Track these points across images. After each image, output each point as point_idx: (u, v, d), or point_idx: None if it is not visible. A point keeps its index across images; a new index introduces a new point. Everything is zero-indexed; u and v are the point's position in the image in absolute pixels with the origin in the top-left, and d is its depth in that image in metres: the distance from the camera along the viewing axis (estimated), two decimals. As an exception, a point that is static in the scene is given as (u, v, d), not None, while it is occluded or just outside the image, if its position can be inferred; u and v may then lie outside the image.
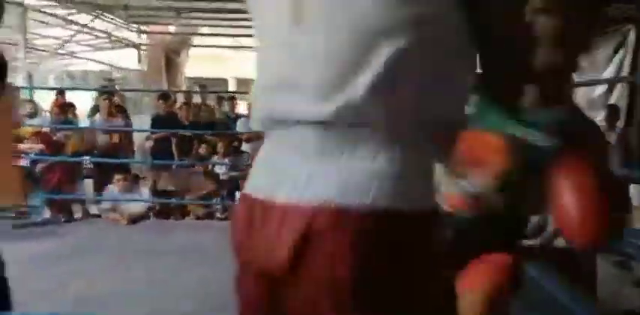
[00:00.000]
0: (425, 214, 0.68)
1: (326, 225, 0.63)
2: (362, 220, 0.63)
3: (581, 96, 6.41)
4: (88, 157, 5.44)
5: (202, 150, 5.62)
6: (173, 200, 5.30)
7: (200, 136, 5.69)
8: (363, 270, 0.63)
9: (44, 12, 7.57)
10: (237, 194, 5.63)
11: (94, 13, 7.84)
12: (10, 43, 6.89)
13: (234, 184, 5.65)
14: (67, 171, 5.12)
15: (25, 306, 2.52)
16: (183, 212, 5.25)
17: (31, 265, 3.41)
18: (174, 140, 5.64)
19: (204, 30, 10.11)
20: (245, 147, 6.20)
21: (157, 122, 5.73)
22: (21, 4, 6.66)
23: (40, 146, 5.02)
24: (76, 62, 10.41)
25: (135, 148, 6.26)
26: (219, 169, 5.64)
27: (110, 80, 8.18)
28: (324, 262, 0.63)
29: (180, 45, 9.97)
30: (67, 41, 7.92)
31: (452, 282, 0.89)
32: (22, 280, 3.06)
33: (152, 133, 5.70)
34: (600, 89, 6.66)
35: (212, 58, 12.11)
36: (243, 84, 15.18)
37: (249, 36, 11.09)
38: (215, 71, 12.15)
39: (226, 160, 5.67)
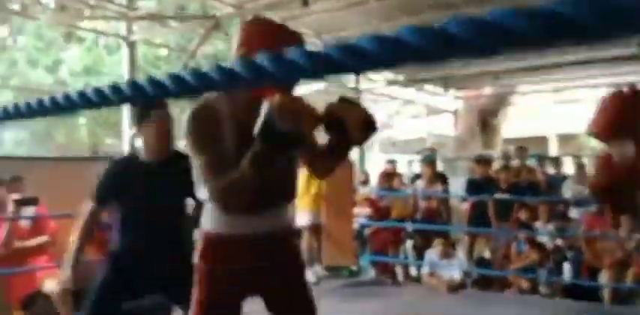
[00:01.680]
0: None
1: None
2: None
3: None
4: (410, 223, 5.71)
5: (522, 215, 5.27)
6: (493, 271, 5.05)
7: (520, 200, 5.37)
8: None
9: (374, 93, 8.68)
10: (565, 266, 5.02)
11: (417, 87, 8.57)
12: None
13: (561, 254, 5.06)
14: (391, 235, 5.49)
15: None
16: (504, 283, 4.93)
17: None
18: (491, 204, 5.48)
19: (523, 88, 9.84)
20: (574, 213, 5.56)
21: (473, 186, 5.69)
22: (356, 89, 7.76)
23: (369, 211, 5.54)
24: (398, 132, 11.40)
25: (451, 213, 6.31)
26: (544, 238, 5.16)
27: (431, 149, 8.64)
28: None
29: (496, 106, 9.92)
30: (392, 115, 8.81)
31: None
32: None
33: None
34: None
35: (532, 115, 11.59)
36: (566, 140, 14.01)
37: (572, 88, 10.36)
38: (535, 129, 11.54)
39: (550, 227, 5.17)
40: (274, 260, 1.58)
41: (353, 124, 1.42)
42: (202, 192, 1.51)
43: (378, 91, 8.62)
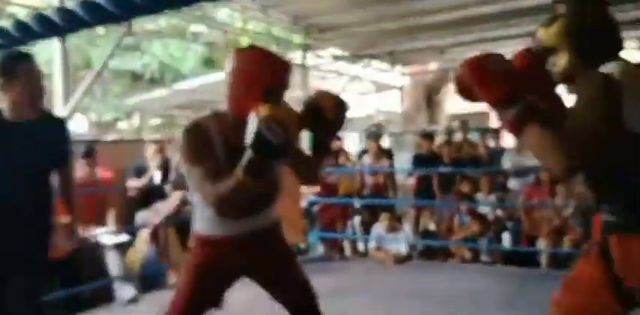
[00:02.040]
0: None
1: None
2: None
3: None
4: (357, 198, 5.77)
5: (464, 187, 5.42)
6: (437, 241, 5.20)
7: (462, 173, 5.51)
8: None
9: (321, 70, 8.60)
10: (505, 236, 5.22)
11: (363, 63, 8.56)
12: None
13: (501, 224, 5.26)
14: (339, 211, 5.54)
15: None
16: (447, 254, 5.09)
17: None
18: (435, 178, 5.60)
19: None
20: (513, 184, 5.76)
21: (419, 160, 5.79)
22: (303, 65, 7.67)
23: (317, 188, 5.55)
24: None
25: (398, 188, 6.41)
26: (485, 209, 5.33)
27: (377, 125, 8.70)
28: None
29: (440, 82, 10.06)
30: (339, 93, 8.78)
31: None
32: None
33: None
34: None
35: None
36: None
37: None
38: (477, 105, 11.83)
39: (491, 198, 5.35)
40: (262, 254, 1.77)
41: (326, 107, 1.63)
42: (197, 198, 1.70)
43: (326, 68, 8.56)
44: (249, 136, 1.44)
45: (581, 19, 1.44)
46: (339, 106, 1.67)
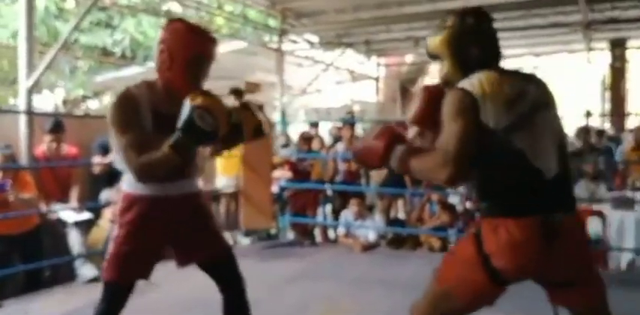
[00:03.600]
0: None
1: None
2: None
3: None
4: (329, 185, 5.73)
5: (437, 178, 5.43)
6: (406, 230, 5.21)
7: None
8: None
9: (297, 55, 8.51)
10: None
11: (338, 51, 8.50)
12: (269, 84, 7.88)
13: (470, 215, 5.30)
14: (310, 197, 5.50)
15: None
16: (416, 243, 5.11)
17: (276, 284, 3.66)
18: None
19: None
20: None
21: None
22: (278, 50, 7.57)
23: (289, 174, 5.50)
24: (322, 99, 11.38)
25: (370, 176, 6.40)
26: (454, 199, 5.37)
27: (350, 112, 8.67)
28: None
29: (416, 74, 10.09)
30: (313, 79, 8.71)
31: None
32: (268, 297, 3.32)
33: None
34: None
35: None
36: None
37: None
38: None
39: (461, 189, 5.38)
40: (183, 214, 1.90)
41: (247, 129, 1.82)
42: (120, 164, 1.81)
43: (302, 54, 8.47)
44: (182, 120, 1.60)
45: (460, 31, 1.60)
46: (256, 129, 1.86)
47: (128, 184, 1.86)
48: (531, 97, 1.53)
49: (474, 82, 1.51)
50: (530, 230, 1.47)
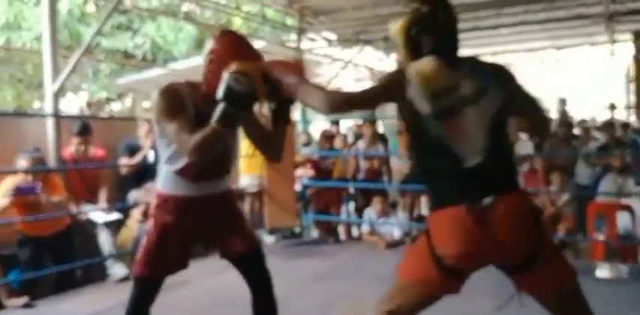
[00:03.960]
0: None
1: None
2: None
3: None
4: (351, 183, 5.72)
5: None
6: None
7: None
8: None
9: (316, 53, 8.51)
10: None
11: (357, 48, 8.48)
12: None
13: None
14: (333, 195, 5.50)
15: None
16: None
17: (301, 282, 3.67)
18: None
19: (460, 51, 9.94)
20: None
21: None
22: (297, 49, 7.58)
23: (311, 172, 5.51)
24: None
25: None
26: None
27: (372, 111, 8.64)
28: None
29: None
30: (332, 77, 8.71)
31: None
32: (293, 295, 3.34)
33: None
34: None
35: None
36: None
37: (508, 53, 10.61)
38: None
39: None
40: (214, 212, 1.97)
41: (256, 80, 1.72)
42: (169, 157, 1.89)
43: (321, 52, 8.47)
44: (221, 90, 1.67)
45: (414, 18, 1.64)
46: (292, 65, 1.81)
47: (162, 183, 1.94)
48: (461, 93, 1.56)
49: (413, 66, 1.58)
50: (458, 219, 1.50)
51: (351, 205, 5.83)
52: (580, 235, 4.79)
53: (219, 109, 1.68)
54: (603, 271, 3.74)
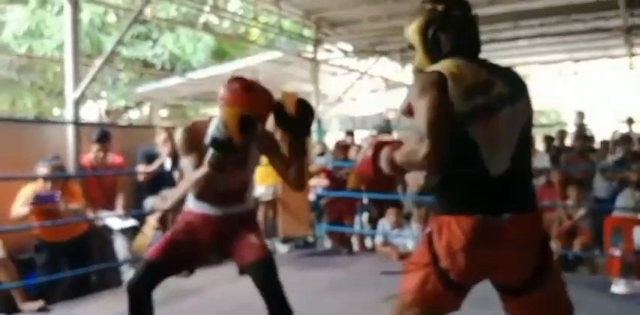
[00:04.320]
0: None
1: None
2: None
3: None
4: (365, 193, 5.72)
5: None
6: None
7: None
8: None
9: (332, 64, 8.57)
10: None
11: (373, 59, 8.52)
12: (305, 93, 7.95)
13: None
14: (347, 205, 5.50)
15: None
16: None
17: (315, 293, 3.67)
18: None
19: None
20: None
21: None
22: (313, 59, 7.64)
23: (325, 182, 5.52)
24: (357, 108, 11.39)
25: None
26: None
27: (386, 120, 8.65)
28: None
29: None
30: (348, 88, 8.75)
31: None
32: (307, 306, 3.33)
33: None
34: None
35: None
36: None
37: (525, 65, 10.58)
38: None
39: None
40: (230, 228, 2.15)
41: (289, 104, 1.98)
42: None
43: (336, 63, 8.52)
44: (208, 136, 1.96)
45: (430, 18, 1.55)
46: (301, 105, 2.00)
47: (189, 201, 2.22)
48: (497, 90, 1.46)
49: (439, 66, 1.48)
50: (469, 230, 1.41)
51: (365, 216, 5.82)
52: (596, 250, 4.73)
53: (209, 153, 1.96)
54: (619, 287, 3.69)
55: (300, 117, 2.00)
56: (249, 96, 1.95)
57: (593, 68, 10.92)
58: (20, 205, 3.44)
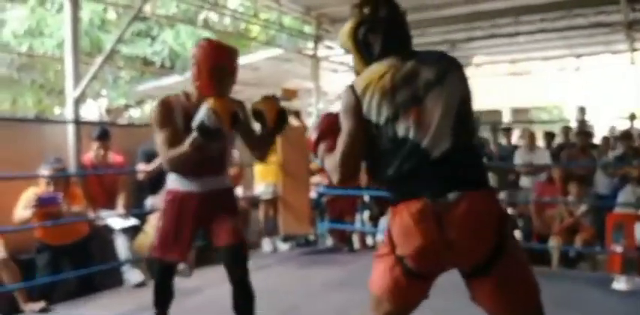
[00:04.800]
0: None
1: None
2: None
3: None
4: (367, 191, 5.71)
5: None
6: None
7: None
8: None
9: (333, 61, 8.54)
10: (515, 234, 5.17)
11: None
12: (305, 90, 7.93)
13: (512, 222, 5.20)
14: (348, 203, 5.50)
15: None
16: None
17: (315, 290, 3.67)
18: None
19: (478, 59, 9.88)
20: (524, 181, 5.70)
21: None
22: (314, 56, 7.62)
23: (327, 180, 5.51)
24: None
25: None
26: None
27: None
28: None
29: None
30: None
31: None
32: (307, 303, 3.34)
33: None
34: None
35: (485, 89, 11.75)
36: (519, 114, 14.34)
37: (527, 60, 10.54)
38: (489, 102, 11.69)
39: (501, 195, 5.30)
40: (211, 207, 2.31)
41: (269, 115, 2.18)
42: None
43: (337, 60, 8.50)
44: (196, 120, 2.04)
45: (358, 21, 1.60)
46: (279, 117, 2.19)
47: (170, 181, 2.34)
48: (423, 77, 1.49)
49: (363, 76, 1.55)
50: (418, 213, 1.41)
51: (366, 214, 5.82)
52: (598, 246, 4.72)
53: (192, 136, 2.07)
54: (620, 284, 3.69)
55: (275, 126, 2.21)
56: (217, 51, 2.19)
57: (595, 64, 10.88)
58: (22, 208, 3.44)
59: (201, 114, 2.02)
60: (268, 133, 2.26)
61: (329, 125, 1.71)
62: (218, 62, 2.18)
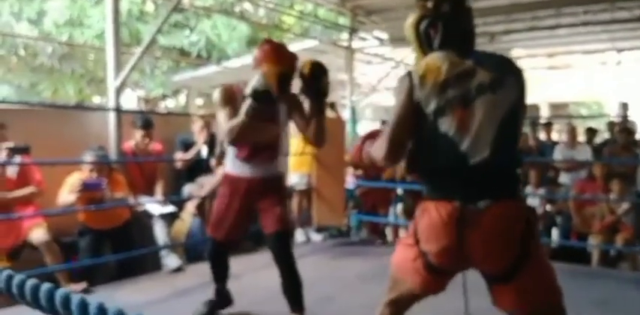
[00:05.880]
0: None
1: None
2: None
3: None
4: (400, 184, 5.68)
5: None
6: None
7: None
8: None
9: (367, 53, 8.49)
10: (554, 231, 5.07)
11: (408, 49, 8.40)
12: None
13: (551, 219, 5.10)
14: (381, 196, 5.48)
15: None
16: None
17: (349, 282, 3.68)
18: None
19: (517, 52, 9.66)
20: (564, 178, 5.57)
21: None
22: (348, 48, 7.58)
23: (360, 172, 5.50)
24: (391, 97, 11.27)
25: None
26: (534, 202, 5.18)
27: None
28: None
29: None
30: (383, 77, 8.66)
31: None
32: (341, 294, 3.35)
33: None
34: None
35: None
36: (557, 108, 14.01)
37: (566, 54, 10.26)
38: (528, 96, 11.41)
39: (540, 192, 5.18)
40: (261, 192, 2.51)
41: (305, 69, 2.31)
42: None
43: (372, 52, 8.44)
44: (248, 87, 2.24)
45: (421, 14, 1.64)
46: (313, 67, 2.31)
47: (227, 165, 2.58)
48: (478, 79, 1.51)
49: (422, 65, 1.58)
50: (447, 216, 1.47)
51: (400, 207, 5.78)
52: (639, 246, 4.59)
53: (246, 103, 2.25)
54: (664, 285, 3.58)
55: (312, 77, 2.31)
56: (279, 54, 2.36)
57: (637, 58, 10.52)
58: (67, 193, 3.54)
59: (253, 81, 2.21)
60: (314, 108, 2.39)
61: (370, 135, 1.82)
62: (279, 67, 2.34)
